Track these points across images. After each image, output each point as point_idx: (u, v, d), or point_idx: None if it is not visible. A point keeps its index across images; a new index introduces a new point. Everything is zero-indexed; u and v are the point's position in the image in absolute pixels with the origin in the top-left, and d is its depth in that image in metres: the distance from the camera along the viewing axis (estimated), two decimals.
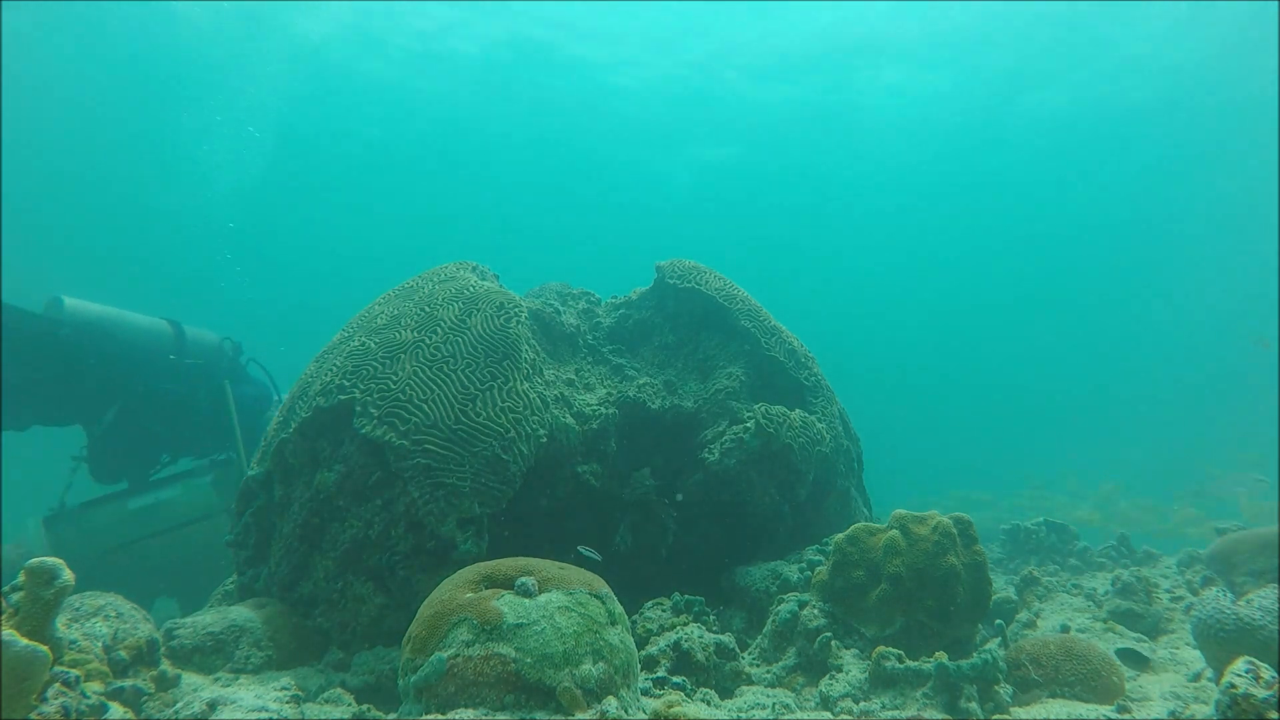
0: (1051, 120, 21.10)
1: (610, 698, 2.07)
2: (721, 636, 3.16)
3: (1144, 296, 32.86)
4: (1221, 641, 2.77)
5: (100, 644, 2.61)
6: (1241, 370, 28.40)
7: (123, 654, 2.66)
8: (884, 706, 2.76)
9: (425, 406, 3.54)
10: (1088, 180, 25.01)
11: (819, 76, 19.55)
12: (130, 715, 2.32)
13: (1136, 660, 3.59)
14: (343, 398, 3.67)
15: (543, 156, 25.20)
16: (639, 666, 2.62)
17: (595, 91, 20.45)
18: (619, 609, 2.38)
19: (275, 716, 2.20)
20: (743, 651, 3.36)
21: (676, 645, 3.01)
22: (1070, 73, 18.66)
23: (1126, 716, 2.71)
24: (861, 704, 2.80)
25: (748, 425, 4.20)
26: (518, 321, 4.02)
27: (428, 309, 4.06)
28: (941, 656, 2.82)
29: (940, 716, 2.66)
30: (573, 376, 4.44)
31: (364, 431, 3.51)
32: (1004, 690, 2.82)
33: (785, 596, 3.56)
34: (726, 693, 2.99)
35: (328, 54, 18.51)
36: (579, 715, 1.98)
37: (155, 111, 20.31)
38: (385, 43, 18.17)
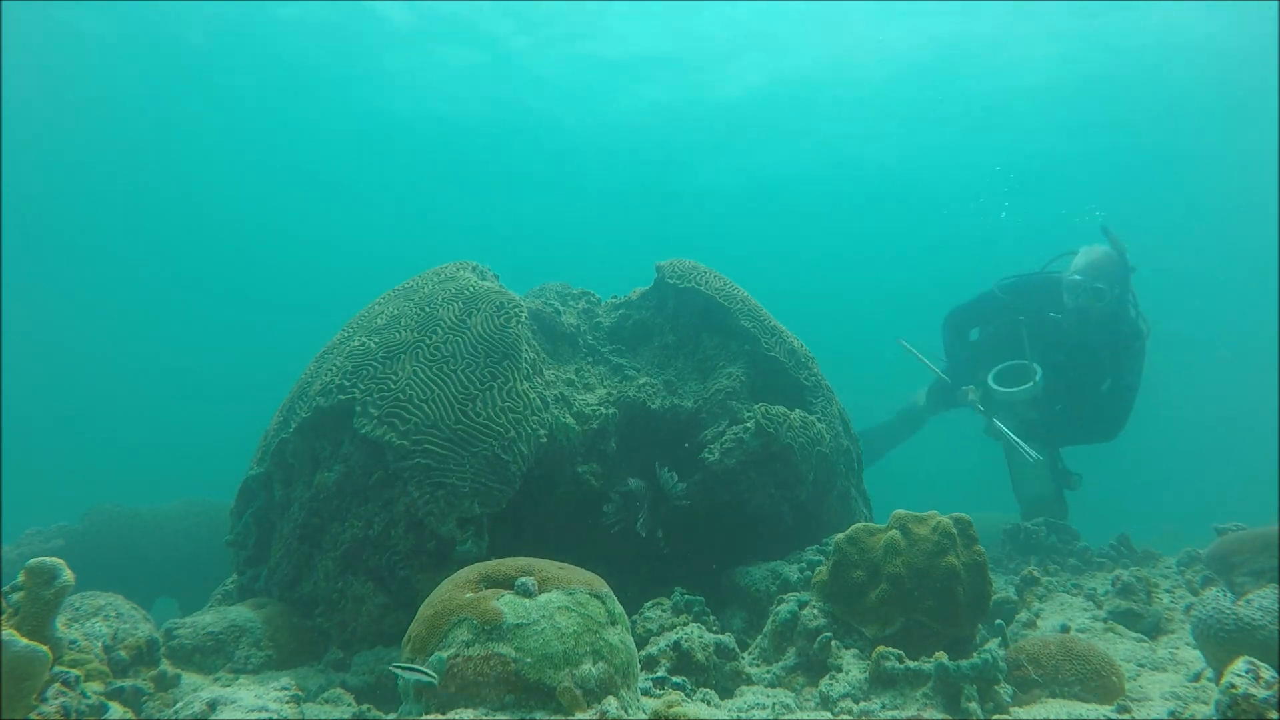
0: (1051, 122, 21.11)
1: (610, 698, 2.07)
2: (721, 636, 3.15)
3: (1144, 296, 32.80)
4: (1221, 641, 2.77)
5: (100, 644, 2.61)
6: (1240, 374, 28.37)
7: (123, 654, 2.66)
8: (884, 706, 2.76)
9: (425, 406, 3.54)
10: (1090, 180, 25.01)
11: (819, 71, 19.56)
12: (130, 715, 2.32)
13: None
14: (343, 398, 3.67)
15: (545, 154, 25.18)
16: (639, 666, 2.62)
17: (600, 89, 20.46)
18: (619, 609, 2.38)
19: (275, 716, 2.20)
20: (743, 651, 3.36)
21: (676, 645, 3.01)
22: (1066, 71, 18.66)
23: (1126, 716, 2.71)
24: (861, 704, 2.80)
25: (748, 425, 4.20)
26: (518, 321, 4.02)
27: (427, 309, 4.06)
28: (941, 656, 2.82)
29: (940, 716, 2.66)
30: (573, 376, 4.44)
31: (364, 431, 3.51)
32: (1004, 690, 2.82)
33: (785, 596, 3.56)
34: (726, 693, 2.99)
35: (324, 53, 18.51)
36: (579, 715, 1.98)
37: (156, 109, 20.32)
38: (386, 42, 18.18)
